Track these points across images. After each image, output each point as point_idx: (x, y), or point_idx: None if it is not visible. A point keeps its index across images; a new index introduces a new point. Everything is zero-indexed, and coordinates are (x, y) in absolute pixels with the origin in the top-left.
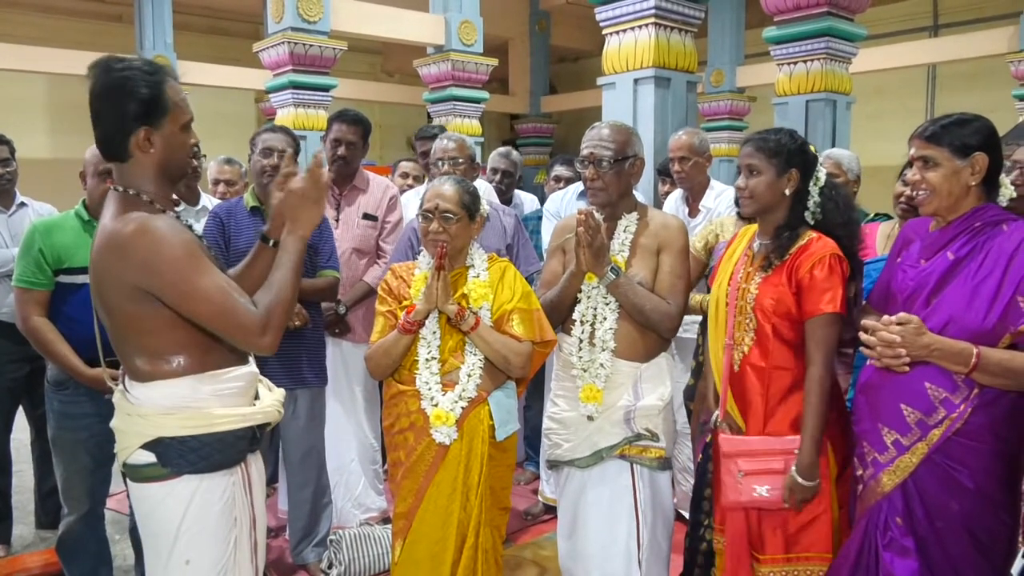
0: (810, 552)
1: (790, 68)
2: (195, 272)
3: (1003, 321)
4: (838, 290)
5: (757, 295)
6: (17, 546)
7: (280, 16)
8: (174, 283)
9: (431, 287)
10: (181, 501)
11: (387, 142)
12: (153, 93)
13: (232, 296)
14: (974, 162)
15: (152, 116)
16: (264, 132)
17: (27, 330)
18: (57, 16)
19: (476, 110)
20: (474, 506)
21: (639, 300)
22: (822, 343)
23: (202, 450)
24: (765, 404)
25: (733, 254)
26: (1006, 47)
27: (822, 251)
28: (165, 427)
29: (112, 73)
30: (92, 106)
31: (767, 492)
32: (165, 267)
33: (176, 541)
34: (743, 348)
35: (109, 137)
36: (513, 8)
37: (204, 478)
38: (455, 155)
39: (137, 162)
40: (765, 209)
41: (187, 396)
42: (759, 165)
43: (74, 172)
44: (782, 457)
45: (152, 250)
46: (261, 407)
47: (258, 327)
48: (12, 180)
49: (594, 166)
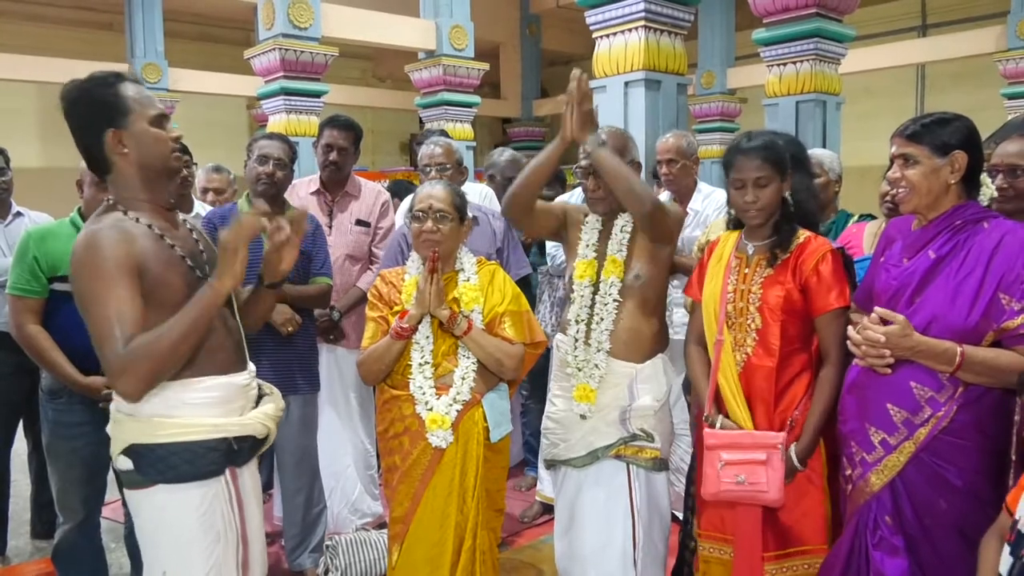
0: (806, 545)
1: (780, 69)
2: (104, 289)
3: (986, 318)
4: (844, 284)
5: (762, 295)
6: (12, 556)
7: (271, 23)
8: (80, 293)
9: (423, 292)
10: (155, 510)
11: (379, 147)
12: (108, 96)
13: (112, 327)
14: (953, 160)
15: (115, 118)
16: (261, 139)
17: (21, 338)
18: (47, 25)
19: (468, 114)
20: (471, 508)
21: (624, 169)
22: (836, 338)
23: (169, 459)
24: (773, 401)
25: (721, 259)
26: (994, 46)
27: (822, 248)
28: (136, 434)
29: (71, 93)
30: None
31: (741, 481)
32: (83, 275)
33: (156, 550)
34: (746, 350)
35: (88, 152)
36: (504, 12)
37: (176, 488)
38: (442, 160)
39: (119, 170)
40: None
41: (157, 404)
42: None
43: (66, 181)
44: (764, 450)
45: (82, 256)
46: (239, 419)
47: (115, 369)
48: (7, 189)
49: (594, 177)
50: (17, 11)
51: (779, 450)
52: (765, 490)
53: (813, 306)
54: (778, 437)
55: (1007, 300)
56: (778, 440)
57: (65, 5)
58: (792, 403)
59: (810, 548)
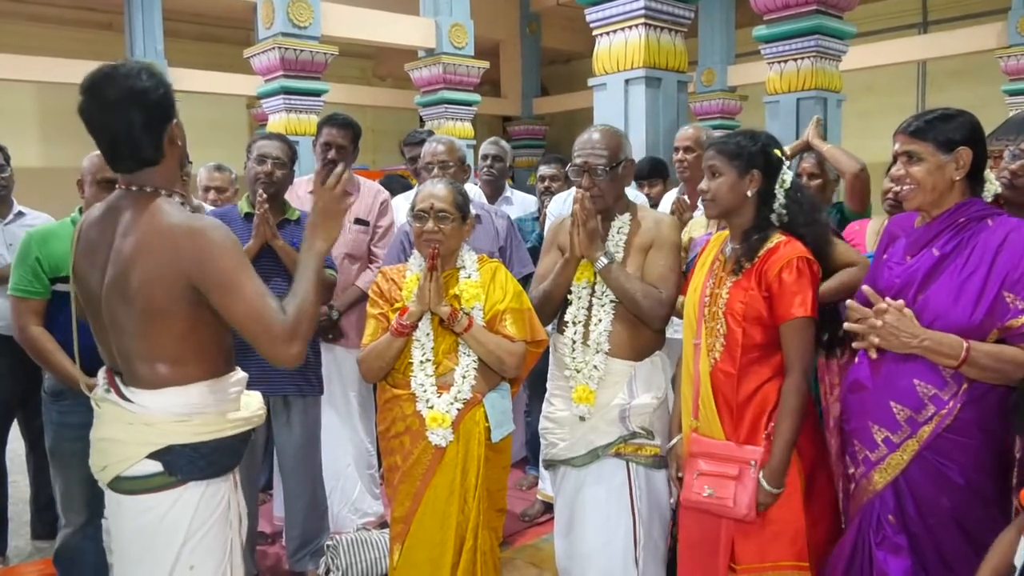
0: (782, 562)
1: (780, 67)
2: (242, 269)
3: (990, 317)
4: (807, 293)
5: (728, 300)
6: (13, 557)
7: (270, 22)
8: (219, 282)
9: (423, 289)
10: (188, 507)
11: (380, 146)
12: (167, 87)
13: (267, 300)
14: (958, 157)
15: (173, 108)
16: (260, 139)
17: (24, 340)
18: (46, 25)
19: (468, 113)
20: (472, 508)
21: (631, 286)
22: (798, 349)
23: (212, 455)
24: (736, 409)
25: (706, 260)
26: (995, 43)
27: (790, 254)
28: (177, 434)
29: (120, 82)
30: (107, 120)
31: (710, 495)
32: (218, 262)
33: (183, 547)
34: (715, 355)
35: (139, 144)
36: (504, 11)
37: (209, 483)
38: (445, 158)
39: (167, 162)
40: (728, 211)
41: (198, 402)
42: (720, 167)
43: (66, 181)
44: (737, 465)
45: (208, 244)
46: (254, 412)
47: (286, 334)
48: (8, 187)
49: (589, 175)
50: (17, 11)
51: (751, 467)
52: (731, 506)
53: (774, 314)
54: (754, 452)
55: (1011, 298)
56: (754, 456)
57: (65, 5)
58: (762, 411)
59: (785, 564)
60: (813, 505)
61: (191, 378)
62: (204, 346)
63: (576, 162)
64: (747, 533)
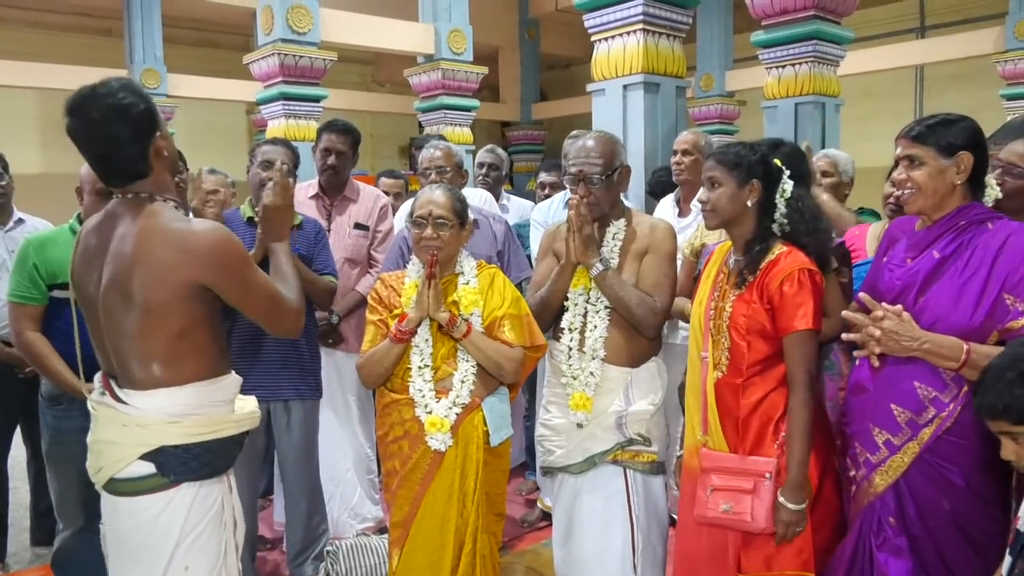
0: (787, 571)
1: (779, 72)
2: (250, 268)
3: (990, 319)
4: (809, 305)
5: (731, 313)
6: (12, 563)
7: (270, 28)
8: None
9: (422, 295)
10: (181, 509)
11: (379, 152)
12: (148, 102)
13: (274, 284)
14: (959, 161)
15: (157, 122)
16: (264, 144)
17: (20, 345)
18: (46, 31)
19: (467, 118)
20: (471, 512)
21: (625, 294)
22: (802, 362)
23: (204, 456)
24: (741, 420)
25: (710, 273)
26: (992, 47)
27: (791, 266)
28: (169, 435)
29: (101, 101)
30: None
31: (727, 510)
32: (231, 262)
33: (176, 548)
34: (722, 368)
35: (127, 160)
36: (503, 16)
37: (203, 484)
38: (442, 163)
39: (156, 174)
40: (728, 221)
41: (191, 403)
42: (719, 177)
43: (65, 187)
44: (752, 479)
45: (221, 246)
46: (247, 413)
47: (296, 312)
48: (7, 195)
49: (585, 184)
50: (17, 17)
51: (766, 479)
52: (749, 520)
53: (776, 327)
54: (768, 464)
55: (1011, 300)
56: (768, 468)
57: (64, 11)
58: (768, 420)
59: (791, 573)
60: (817, 511)
61: (184, 379)
62: (198, 346)
63: (571, 171)
64: (753, 542)
